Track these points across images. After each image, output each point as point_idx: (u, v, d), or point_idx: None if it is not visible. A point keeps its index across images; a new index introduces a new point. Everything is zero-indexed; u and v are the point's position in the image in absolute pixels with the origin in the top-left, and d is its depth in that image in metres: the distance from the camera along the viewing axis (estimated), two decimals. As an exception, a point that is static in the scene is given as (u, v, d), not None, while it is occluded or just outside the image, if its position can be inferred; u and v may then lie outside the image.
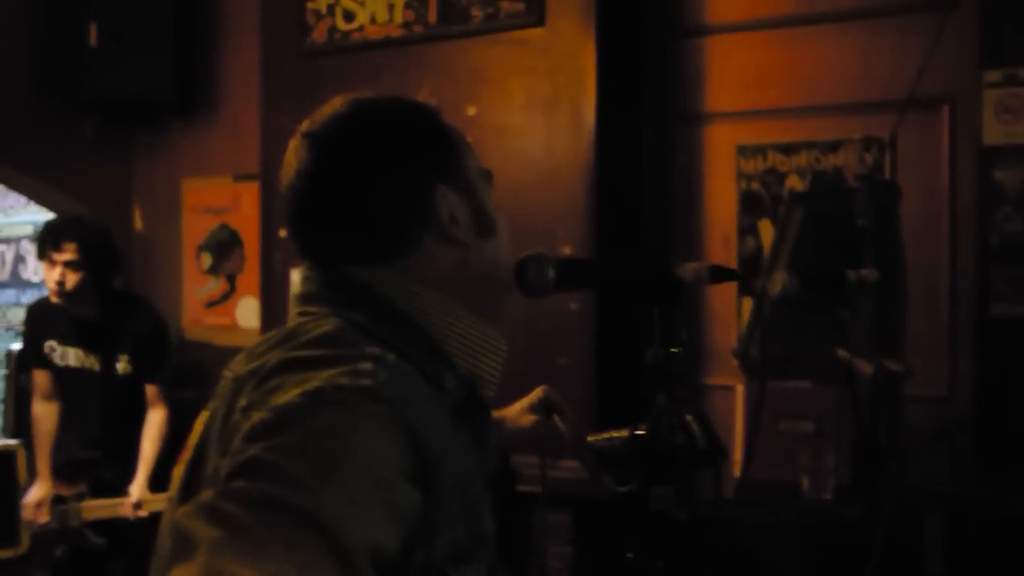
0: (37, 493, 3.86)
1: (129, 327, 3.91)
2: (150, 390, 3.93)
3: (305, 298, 1.20)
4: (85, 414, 3.94)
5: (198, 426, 1.17)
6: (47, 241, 3.79)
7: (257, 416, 0.99)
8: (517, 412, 1.64)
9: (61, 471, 3.93)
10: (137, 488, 3.80)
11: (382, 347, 1.07)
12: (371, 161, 1.19)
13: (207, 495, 0.94)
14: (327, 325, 1.11)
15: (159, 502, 3.71)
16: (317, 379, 1.00)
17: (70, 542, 3.87)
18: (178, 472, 1.16)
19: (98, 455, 3.89)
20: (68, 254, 3.75)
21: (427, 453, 1.00)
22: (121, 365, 3.90)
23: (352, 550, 0.90)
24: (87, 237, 3.80)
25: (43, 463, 3.92)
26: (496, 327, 1.23)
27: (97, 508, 3.82)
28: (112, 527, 3.84)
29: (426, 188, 1.20)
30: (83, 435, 3.93)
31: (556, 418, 1.60)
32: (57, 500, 3.87)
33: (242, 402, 1.05)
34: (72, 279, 3.78)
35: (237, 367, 1.15)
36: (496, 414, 1.58)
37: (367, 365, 1.02)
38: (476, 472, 1.13)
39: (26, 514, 3.82)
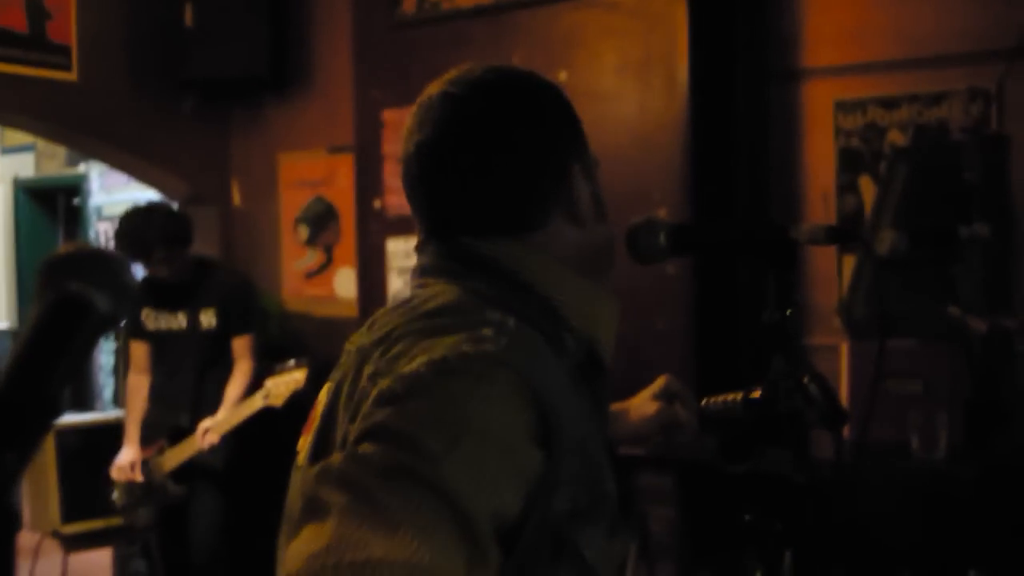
0: (126, 455, 4.03)
1: (215, 283, 4.03)
2: (237, 343, 4.00)
3: (423, 271, 1.21)
4: (175, 372, 4.05)
5: (322, 397, 1.20)
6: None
7: (384, 383, 1.02)
8: (641, 400, 1.65)
9: (147, 434, 4.05)
10: (209, 419, 3.86)
11: (503, 312, 1.09)
12: (518, 130, 1.19)
13: (335, 458, 0.97)
14: (448, 294, 1.13)
15: (226, 425, 3.82)
16: (441, 347, 1.02)
17: (156, 501, 4.00)
18: (304, 441, 1.20)
19: (185, 416, 3.97)
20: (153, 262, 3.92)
21: (550, 414, 1.02)
22: (206, 319, 4.00)
23: (474, 517, 0.92)
24: (153, 241, 3.86)
25: (132, 429, 4.08)
26: (610, 292, 1.24)
27: (174, 455, 3.94)
28: (191, 473, 3.93)
29: (564, 165, 1.21)
30: (173, 395, 4.04)
31: (678, 405, 1.61)
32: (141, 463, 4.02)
33: (369, 369, 1.07)
34: (159, 271, 3.95)
35: (360, 339, 1.17)
36: (620, 405, 1.59)
37: (489, 331, 1.04)
38: (596, 432, 1.15)
39: (121, 475, 4.01)
